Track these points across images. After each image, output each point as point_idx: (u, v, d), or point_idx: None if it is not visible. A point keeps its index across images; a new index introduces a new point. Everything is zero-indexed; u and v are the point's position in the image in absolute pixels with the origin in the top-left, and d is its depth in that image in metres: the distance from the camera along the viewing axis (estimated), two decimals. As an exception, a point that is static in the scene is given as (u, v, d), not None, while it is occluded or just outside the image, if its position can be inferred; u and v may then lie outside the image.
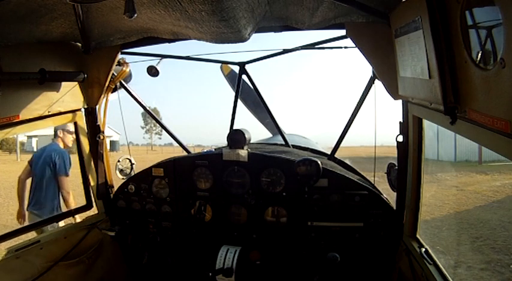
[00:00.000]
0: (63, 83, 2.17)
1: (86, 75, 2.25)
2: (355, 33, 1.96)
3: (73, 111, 2.32)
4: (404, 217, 2.07)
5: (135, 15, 1.15)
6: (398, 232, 2.10)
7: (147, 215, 2.45)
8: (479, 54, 1.09)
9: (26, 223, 3.77)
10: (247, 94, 4.08)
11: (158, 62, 2.66)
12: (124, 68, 2.51)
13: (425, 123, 1.86)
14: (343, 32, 2.11)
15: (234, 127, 2.75)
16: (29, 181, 4.15)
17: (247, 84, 3.09)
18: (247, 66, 2.85)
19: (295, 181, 2.17)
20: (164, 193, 2.41)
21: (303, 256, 2.22)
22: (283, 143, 3.07)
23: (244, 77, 2.92)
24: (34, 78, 1.91)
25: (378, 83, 2.26)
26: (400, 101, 1.98)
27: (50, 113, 2.11)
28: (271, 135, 4.67)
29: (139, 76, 2.82)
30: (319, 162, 2.13)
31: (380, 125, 2.43)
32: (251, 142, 2.58)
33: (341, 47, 2.48)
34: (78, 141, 2.43)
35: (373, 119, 2.39)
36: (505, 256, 5.43)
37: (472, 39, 1.12)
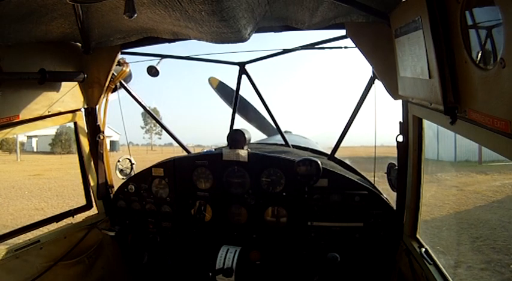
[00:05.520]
0: (63, 83, 2.17)
1: (86, 75, 2.25)
2: (355, 33, 1.96)
3: (73, 111, 2.32)
4: (404, 217, 2.07)
5: (135, 15, 1.15)
6: (398, 232, 2.10)
7: (147, 215, 2.45)
8: (479, 54, 1.09)
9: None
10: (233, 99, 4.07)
11: (158, 62, 2.66)
12: (124, 68, 2.51)
13: (425, 123, 1.86)
14: (343, 32, 2.11)
15: (234, 127, 2.75)
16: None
17: (232, 90, 3.06)
18: (247, 67, 2.85)
19: (295, 181, 2.17)
20: (164, 193, 2.41)
21: (303, 256, 2.21)
22: (283, 143, 3.07)
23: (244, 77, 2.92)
24: (34, 78, 1.91)
25: (378, 83, 2.26)
26: (400, 101, 1.98)
27: (50, 113, 2.11)
28: (264, 136, 4.66)
29: (139, 76, 2.82)
30: (319, 162, 2.12)
31: (380, 125, 2.43)
32: (251, 141, 2.58)
33: (341, 47, 2.48)
34: (78, 141, 2.43)
35: (373, 119, 2.39)
36: (505, 256, 5.43)
37: (472, 39, 1.12)
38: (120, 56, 2.32)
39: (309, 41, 2.57)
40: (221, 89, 4.29)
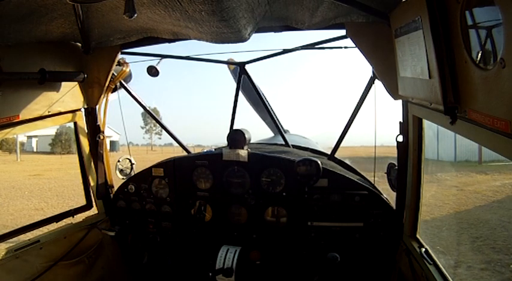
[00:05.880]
0: (63, 83, 2.17)
1: (86, 75, 2.25)
2: (355, 33, 1.96)
3: (73, 111, 2.32)
4: (404, 217, 2.07)
5: (135, 15, 1.15)
6: (398, 232, 2.10)
7: (147, 215, 2.45)
8: (479, 54, 1.09)
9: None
10: (252, 92, 4.07)
11: (158, 62, 2.66)
12: (124, 68, 2.51)
13: (425, 123, 1.86)
14: (343, 32, 2.11)
15: (234, 127, 2.75)
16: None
17: (253, 83, 3.08)
18: (247, 66, 2.86)
19: (295, 181, 2.17)
20: (164, 193, 2.41)
21: (303, 256, 2.22)
22: (283, 143, 3.07)
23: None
24: (34, 78, 1.91)
25: (378, 83, 2.26)
26: (400, 101, 1.98)
27: (50, 113, 2.11)
28: (273, 134, 4.66)
29: (139, 76, 2.83)
30: (319, 162, 2.12)
31: (380, 125, 2.44)
32: (251, 141, 2.58)
33: (341, 47, 2.48)
34: (78, 141, 2.43)
35: (373, 119, 2.39)
36: (505, 256, 5.43)
37: (472, 39, 1.12)
38: (120, 56, 2.32)
39: (309, 41, 2.58)
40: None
